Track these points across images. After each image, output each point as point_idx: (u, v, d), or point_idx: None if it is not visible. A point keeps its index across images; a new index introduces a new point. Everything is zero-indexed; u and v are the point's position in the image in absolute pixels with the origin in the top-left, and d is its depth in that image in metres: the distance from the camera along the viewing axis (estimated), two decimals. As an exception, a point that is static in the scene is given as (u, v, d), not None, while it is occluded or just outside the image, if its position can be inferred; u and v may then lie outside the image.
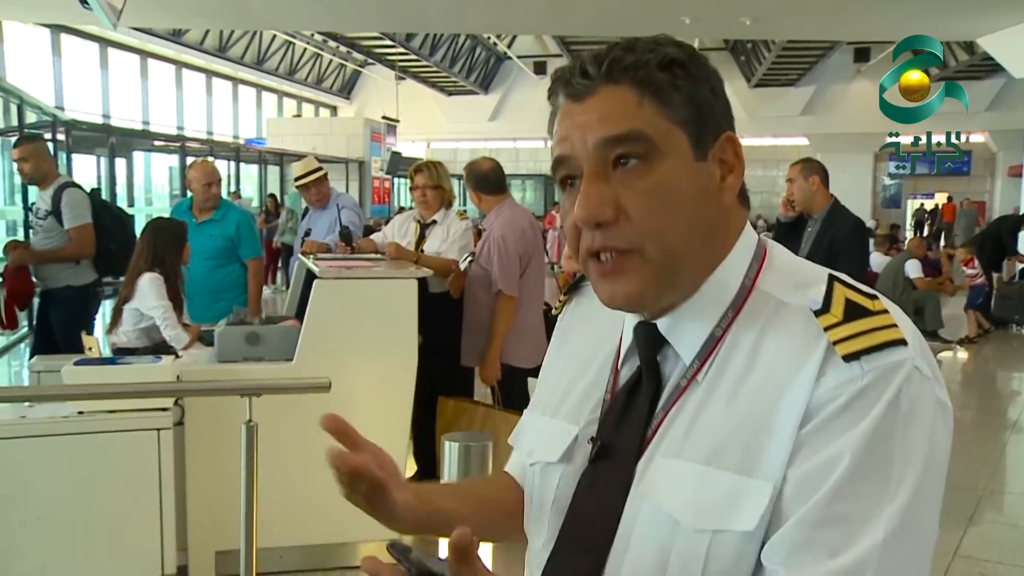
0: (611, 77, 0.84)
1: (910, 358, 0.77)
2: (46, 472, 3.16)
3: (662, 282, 0.85)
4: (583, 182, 0.84)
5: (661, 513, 0.82)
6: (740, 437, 0.80)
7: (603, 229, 0.84)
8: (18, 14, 13.13)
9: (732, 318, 0.86)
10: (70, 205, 4.69)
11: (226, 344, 3.57)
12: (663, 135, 0.83)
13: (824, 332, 0.79)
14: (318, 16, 13.05)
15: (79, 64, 17.88)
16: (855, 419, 0.75)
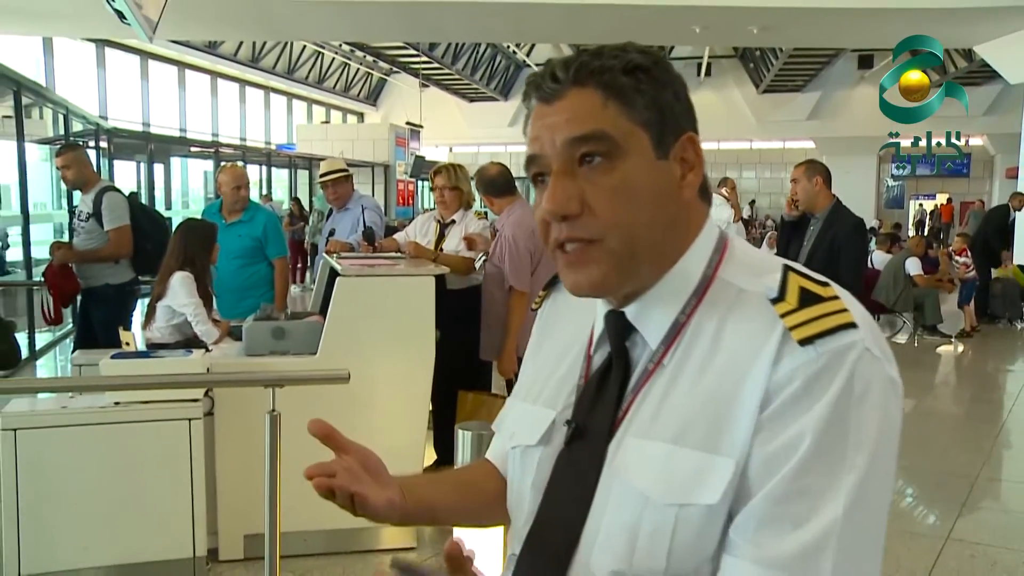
0: (578, 81, 0.89)
1: (860, 340, 0.82)
2: (85, 459, 3.35)
3: (623, 271, 0.90)
4: (551, 178, 0.90)
5: (631, 489, 0.86)
6: (704, 417, 0.84)
7: (569, 222, 0.89)
8: (67, 30, 13.58)
9: (695, 305, 0.91)
10: (109, 208, 4.95)
11: (253, 339, 3.74)
12: (626, 135, 0.88)
13: (780, 319, 0.83)
14: (345, 28, 13.35)
15: (122, 75, 18.37)
16: (813, 400, 0.79)
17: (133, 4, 4.55)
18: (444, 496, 1.15)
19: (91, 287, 5.04)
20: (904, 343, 10.19)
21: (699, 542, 0.83)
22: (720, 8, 10.33)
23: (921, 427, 6.36)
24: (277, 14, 10.98)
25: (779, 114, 27.05)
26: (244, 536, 3.62)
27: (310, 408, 3.48)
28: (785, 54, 21.01)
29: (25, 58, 14.65)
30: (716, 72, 27.83)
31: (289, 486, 3.25)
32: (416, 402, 3.82)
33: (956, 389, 8.33)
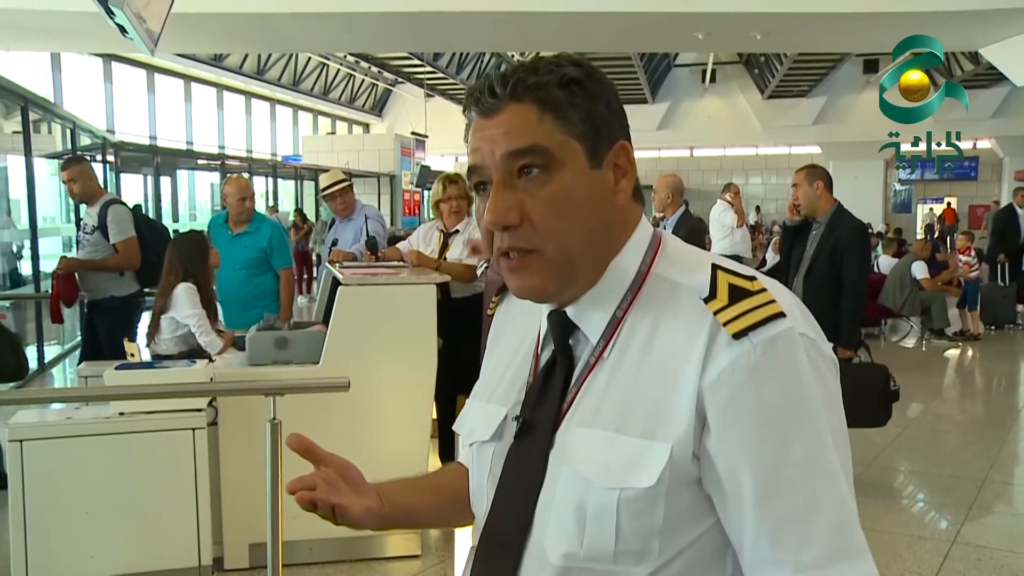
0: (515, 96, 0.93)
1: (791, 326, 0.87)
2: (91, 469, 3.38)
3: (561, 277, 0.95)
4: (492, 190, 0.94)
5: (576, 474, 0.92)
6: (643, 406, 0.90)
7: (509, 231, 0.94)
8: (74, 46, 13.70)
9: (631, 300, 0.96)
10: (115, 221, 5.01)
11: (256, 348, 3.77)
12: (561, 147, 0.93)
13: (714, 315, 0.88)
14: (350, 39, 13.41)
15: (128, 89, 18.51)
16: (760, 390, 0.85)
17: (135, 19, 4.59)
18: (421, 500, 1.21)
19: (96, 299, 5.09)
20: (911, 347, 10.17)
21: (643, 521, 0.89)
22: (723, 15, 10.34)
23: (929, 430, 6.35)
24: (282, 26, 11.04)
25: (785, 119, 27.06)
26: (249, 545, 3.64)
27: (313, 417, 3.54)
28: (790, 59, 21.07)
29: (34, 73, 14.78)
30: (721, 78, 27.86)
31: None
32: (419, 410, 3.84)
33: (964, 392, 8.31)
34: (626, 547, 0.90)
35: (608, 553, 0.90)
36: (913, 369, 8.15)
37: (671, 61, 27.21)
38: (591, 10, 10.06)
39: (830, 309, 4.41)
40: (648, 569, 0.90)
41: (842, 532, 0.86)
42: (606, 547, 0.90)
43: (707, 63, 26.48)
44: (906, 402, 6.47)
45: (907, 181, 28.50)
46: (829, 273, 4.48)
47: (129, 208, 5.26)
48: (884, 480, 5.01)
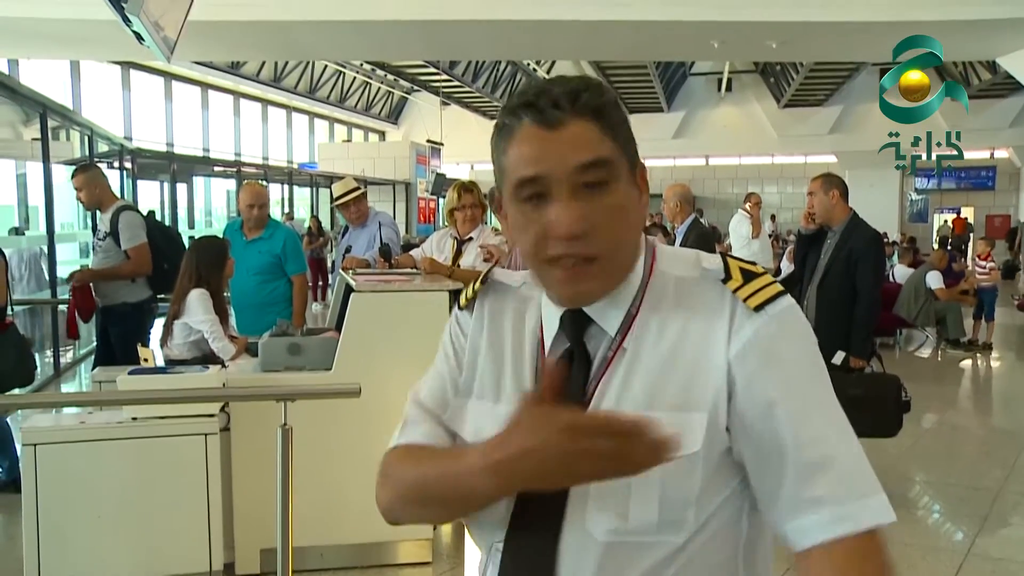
0: (578, 111, 0.99)
1: (792, 303, 1.02)
2: (104, 474, 3.40)
3: (613, 282, 1.04)
4: (562, 200, 0.98)
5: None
6: (673, 381, 0.99)
7: (575, 240, 0.98)
8: (93, 54, 13.83)
9: (642, 297, 1.05)
10: (127, 227, 5.04)
11: (269, 354, 3.78)
12: (617, 162, 1.01)
13: (734, 293, 1.01)
14: (366, 47, 13.46)
15: (146, 97, 18.66)
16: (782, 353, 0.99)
17: (151, 26, 4.63)
18: None
19: (109, 305, 5.11)
20: (927, 357, 10.09)
21: (684, 489, 0.97)
22: (738, 23, 10.32)
23: (944, 441, 6.29)
24: (298, 34, 11.10)
25: (800, 128, 27.01)
26: (261, 550, 3.64)
27: (326, 423, 3.54)
28: (806, 68, 21.00)
29: (53, 81, 14.92)
30: (737, 87, 27.82)
31: (304, 500, 3.28)
32: (431, 417, 3.83)
33: (979, 403, 8.24)
34: (668, 516, 0.97)
35: (652, 523, 0.97)
36: (928, 379, 8.09)
37: (687, 70, 27.18)
38: (607, 19, 10.06)
39: (844, 318, 4.41)
40: (684, 537, 0.98)
41: (863, 470, 0.97)
42: (649, 520, 0.97)
43: (723, 72, 26.44)
44: (921, 412, 6.42)
45: (923, 191, 28.40)
46: (843, 282, 4.47)
47: (142, 215, 5.29)
48: (899, 490, 4.97)
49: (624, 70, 23.40)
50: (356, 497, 3.74)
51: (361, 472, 3.73)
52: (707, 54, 14.91)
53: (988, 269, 10.92)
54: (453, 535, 4.14)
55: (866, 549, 0.94)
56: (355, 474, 3.73)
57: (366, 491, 4.05)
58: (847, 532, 0.94)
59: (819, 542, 0.94)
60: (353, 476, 3.72)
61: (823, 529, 0.94)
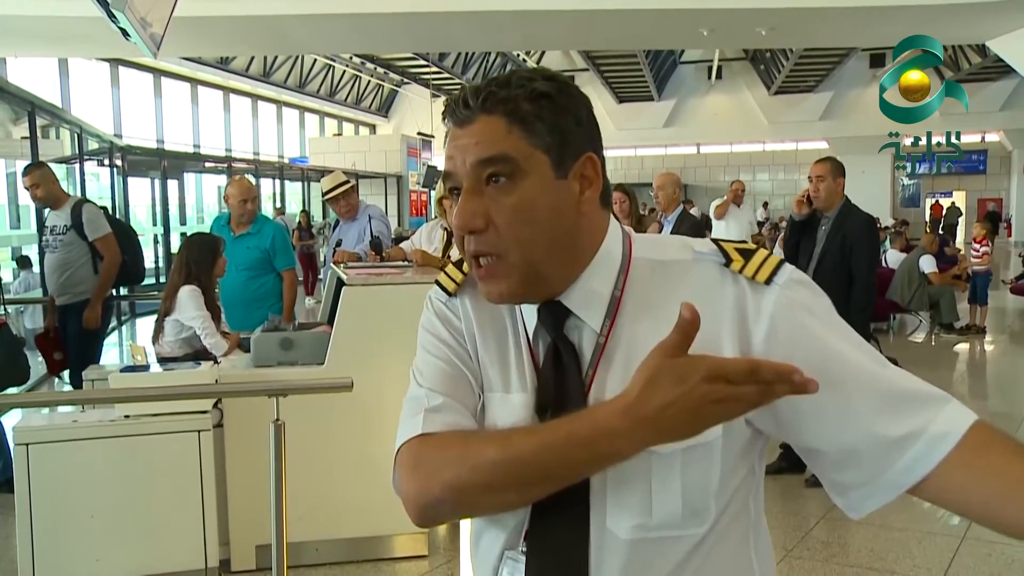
0: (485, 108, 0.99)
1: (794, 268, 1.02)
2: (97, 472, 3.39)
3: (527, 282, 1.00)
4: (461, 196, 1.00)
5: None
6: None
7: (476, 236, 0.99)
8: (81, 51, 13.77)
9: (624, 279, 1.03)
10: (91, 219, 5.09)
11: (261, 350, 3.77)
12: (526, 158, 0.97)
13: (739, 274, 1.00)
14: (354, 40, 13.43)
15: (135, 93, 18.59)
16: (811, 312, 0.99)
17: (137, 22, 4.60)
18: None
19: (67, 304, 5.10)
20: (921, 342, 10.12)
21: (704, 479, 0.97)
22: (727, 10, 10.31)
23: (938, 426, 6.30)
24: (288, 28, 11.06)
25: (791, 115, 27.07)
26: (256, 546, 3.63)
27: (319, 418, 3.52)
28: (796, 55, 21.04)
29: (41, 79, 14.84)
30: (727, 75, 27.83)
31: (300, 495, 3.27)
32: (424, 410, 3.82)
33: (974, 387, 8.26)
34: (691, 508, 0.97)
35: (676, 516, 0.97)
36: (922, 364, 8.11)
37: (677, 58, 27.18)
38: (596, 8, 10.05)
39: (840, 303, 4.38)
40: (708, 526, 0.99)
41: (923, 387, 0.98)
42: (673, 514, 0.97)
43: (713, 60, 26.46)
44: (916, 397, 6.42)
45: (915, 175, 28.50)
46: (839, 267, 4.47)
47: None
48: (894, 476, 4.97)
49: (614, 59, 23.38)
50: (350, 491, 3.74)
51: (355, 466, 3.76)
52: (697, 42, 14.90)
53: (981, 253, 10.93)
54: (448, 528, 4.13)
55: (979, 439, 0.95)
56: (349, 468, 3.73)
57: (360, 485, 4.06)
58: (952, 445, 0.94)
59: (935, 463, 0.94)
60: (347, 470, 3.72)
61: (931, 451, 0.94)
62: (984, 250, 10.99)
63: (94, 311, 5.07)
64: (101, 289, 5.11)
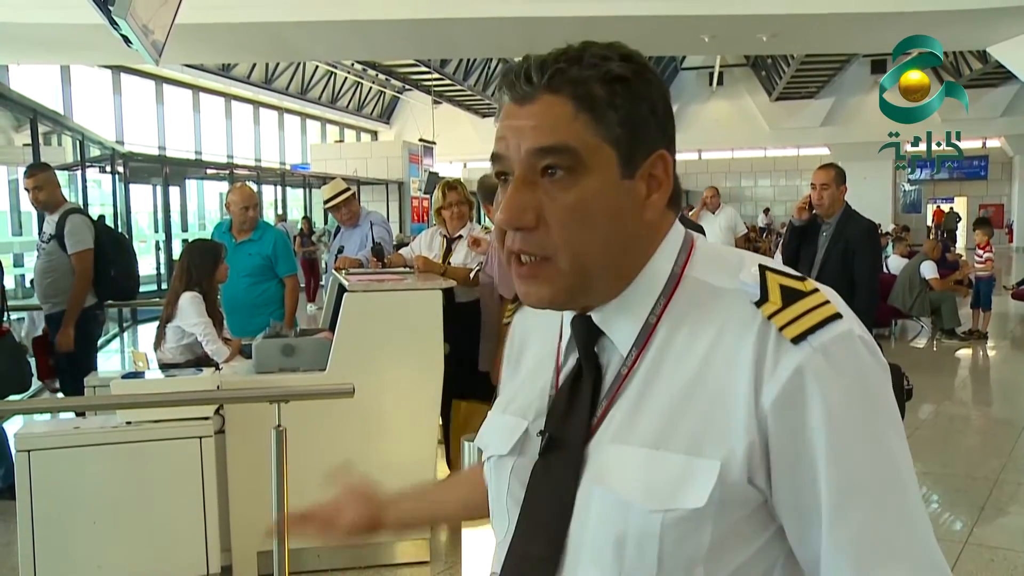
0: (551, 87, 0.85)
1: (850, 328, 0.82)
2: (99, 478, 3.39)
3: (573, 290, 0.88)
4: (511, 185, 0.87)
5: (613, 497, 0.84)
6: (686, 420, 0.83)
7: (523, 233, 0.86)
8: (83, 58, 13.81)
9: (664, 305, 0.89)
10: (72, 231, 4.81)
11: (263, 356, 3.77)
12: (592, 151, 0.85)
13: (769, 320, 0.82)
14: (356, 47, 13.46)
15: (137, 100, 18.64)
16: (829, 400, 0.79)
17: (139, 30, 4.62)
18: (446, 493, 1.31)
19: (53, 313, 4.91)
20: (922, 347, 10.11)
21: (689, 546, 0.82)
22: (728, 17, 10.34)
23: (941, 431, 6.30)
24: (289, 35, 11.10)
25: (793, 121, 27.17)
26: (258, 553, 3.62)
27: (321, 424, 3.53)
28: (797, 61, 21.12)
29: (44, 86, 14.88)
30: (728, 81, 27.89)
31: (301, 502, 3.26)
32: (426, 416, 3.83)
33: (976, 392, 8.26)
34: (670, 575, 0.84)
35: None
36: (924, 369, 8.10)
37: (678, 64, 27.23)
38: (597, 14, 10.07)
39: None
40: None
41: (924, 546, 0.82)
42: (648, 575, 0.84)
43: (714, 66, 26.51)
44: (918, 402, 6.43)
45: (916, 181, 28.56)
46: (841, 273, 4.47)
47: (90, 218, 5.09)
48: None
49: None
50: (352, 497, 3.74)
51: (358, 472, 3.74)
52: (698, 48, 14.92)
53: (985, 259, 10.93)
54: (450, 534, 4.13)
55: None
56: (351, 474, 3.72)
57: (361, 491, 3.96)
58: None
59: None
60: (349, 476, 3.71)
61: None
62: (988, 255, 10.99)
63: (65, 333, 4.78)
64: (71, 310, 4.82)
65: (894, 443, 0.83)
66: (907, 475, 0.83)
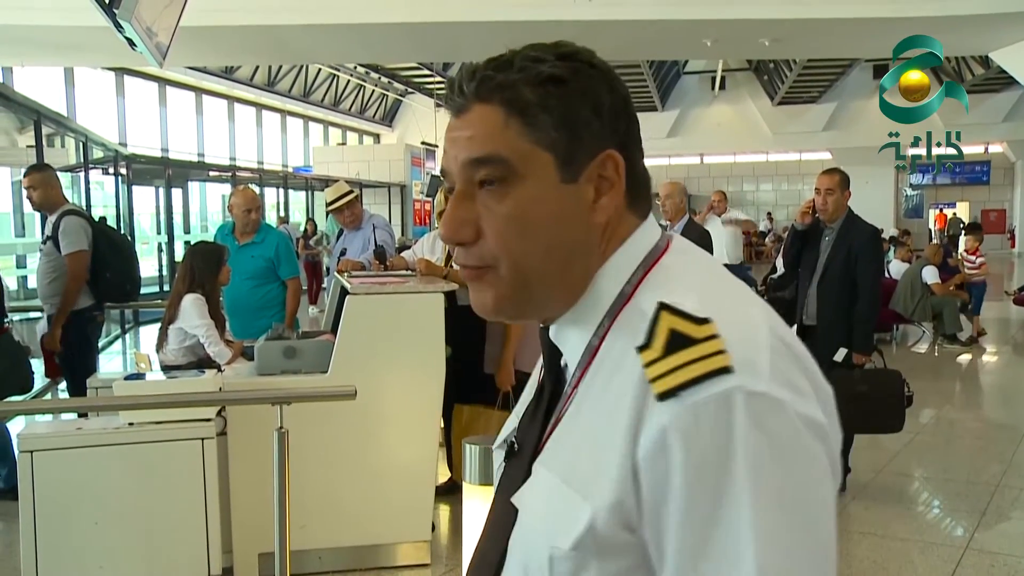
0: (481, 95, 0.83)
1: (737, 385, 0.71)
2: (101, 479, 3.40)
3: (517, 298, 0.85)
4: (450, 201, 0.85)
5: (524, 519, 0.83)
6: (585, 456, 0.78)
7: (465, 248, 0.84)
8: (87, 60, 13.86)
9: (608, 327, 0.83)
10: (66, 233, 4.80)
11: (265, 358, 3.78)
12: (524, 158, 0.81)
13: (644, 368, 0.74)
14: (359, 50, 13.51)
15: (140, 102, 18.69)
16: (687, 465, 0.71)
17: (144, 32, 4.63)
18: None
19: (51, 315, 4.91)
20: (924, 352, 10.11)
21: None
22: (731, 21, 10.37)
23: (942, 436, 6.31)
24: (292, 38, 11.13)
25: (795, 126, 27.13)
26: (259, 555, 3.63)
27: (322, 426, 3.54)
28: (799, 66, 21.15)
29: (47, 88, 14.92)
30: (731, 85, 27.89)
31: (303, 504, 3.28)
32: (427, 419, 3.84)
33: (977, 398, 8.26)
34: None
35: None
36: (925, 375, 8.10)
37: (680, 69, 27.23)
38: (599, 19, 10.10)
39: (845, 314, 4.46)
40: None
41: None
42: None
43: (716, 70, 26.51)
44: (918, 407, 6.42)
45: (918, 186, 28.59)
46: (844, 277, 4.49)
47: (87, 219, 5.09)
48: (896, 486, 4.98)
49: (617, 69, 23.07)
50: (354, 499, 3.75)
51: (359, 474, 3.77)
52: (700, 52, 14.96)
53: (978, 264, 10.96)
54: (451, 537, 4.14)
55: None
56: (353, 477, 3.73)
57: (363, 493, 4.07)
58: None
59: None
60: (351, 479, 3.73)
61: None
62: (980, 260, 11.01)
63: (53, 335, 4.78)
64: (60, 311, 4.81)
65: (752, 521, 0.69)
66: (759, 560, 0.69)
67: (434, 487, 3.93)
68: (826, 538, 0.74)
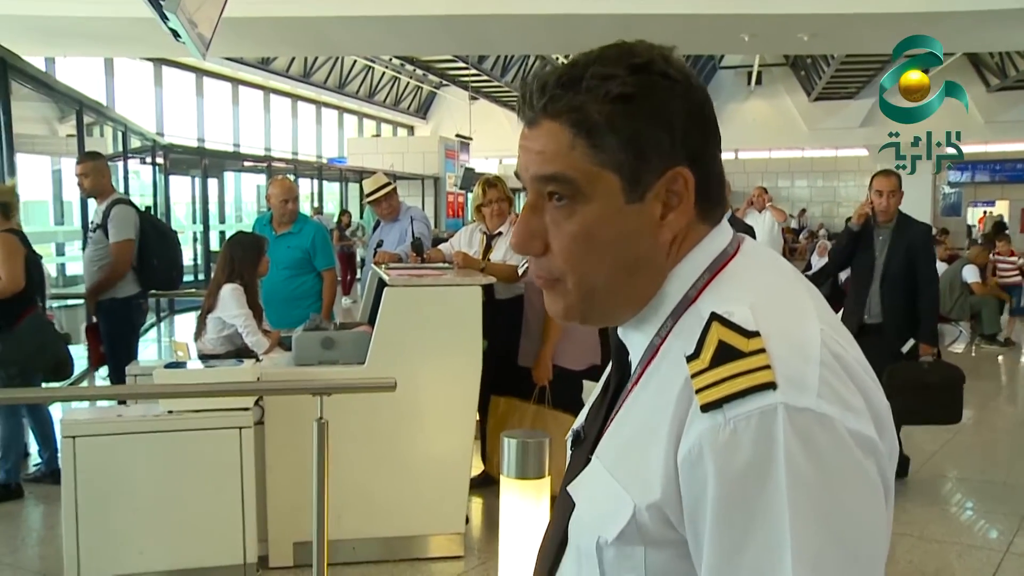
0: (549, 112, 0.84)
1: (780, 401, 0.71)
2: (140, 466, 3.45)
3: (584, 308, 0.88)
4: (521, 211, 0.89)
5: (579, 507, 0.87)
6: (633, 452, 0.81)
7: (534, 258, 0.88)
8: (128, 51, 14.03)
9: (670, 328, 0.85)
10: (115, 221, 4.97)
11: (303, 348, 3.81)
12: (590, 179, 0.83)
13: (691, 379, 0.76)
14: (394, 42, 13.54)
15: (178, 93, 18.90)
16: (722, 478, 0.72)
17: (187, 23, 4.68)
18: None
19: (100, 301, 5.06)
20: (961, 352, 9.96)
21: (627, 571, 0.80)
22: (769, 16, 10.26)
23: (980, 437, 6.21)
24: (328, 30, 11.19)
25: (831, 121, 26.74)
26: (294, 543, 3.67)
27: (358, 417, 3.56)
28: (837, 61, 20.81)
29: (88, 78, 15.13)
30: (767, 80, 27.58)
31: (338, 494, 3.30)
32: (463, 412, 3.85)
33: (1016, 399, 8.12)
34: None
35: None
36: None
37: (716, 63, 26.99)
38: (636, 12, 10.03)
39: (910, 310, 4.68)
40: None
41: None
42: None
43: (753, 65, 26.23)
44: (957, 409, 6.34)
45: (956, 184, 28.07)
46: (905, 274, 4.67)
47: (135, 209, 5.22)
48: (933, 487, 4.91)
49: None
50: (388, 491, 3.77)
51: (394, 466, 3.79)
52: (737, 47, 14.81)
53: (1017, 266, 10.79)
54: (484, 529, 4.15)
55: None
56: (388, 468, 3.75)
57: (398, 485, 4.09)
58: None
59: None
60: (386, 470, 3.75)
61: None
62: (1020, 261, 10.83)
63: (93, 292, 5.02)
64: (93, 290, 5.01)
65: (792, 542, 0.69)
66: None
67: (469, 480, 3.94)
68: (872, 559, 0.74)
